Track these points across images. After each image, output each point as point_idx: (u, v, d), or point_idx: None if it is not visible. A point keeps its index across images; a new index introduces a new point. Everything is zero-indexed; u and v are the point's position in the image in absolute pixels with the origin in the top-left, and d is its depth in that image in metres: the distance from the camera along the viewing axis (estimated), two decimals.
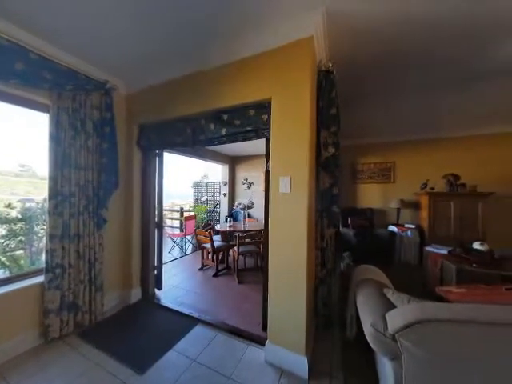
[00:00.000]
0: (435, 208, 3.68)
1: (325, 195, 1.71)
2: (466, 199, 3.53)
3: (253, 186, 5.50)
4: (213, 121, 1.86)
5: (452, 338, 0.87)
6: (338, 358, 1.57)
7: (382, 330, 1.00)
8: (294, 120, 1.48)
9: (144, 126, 2.33)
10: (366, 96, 2.61)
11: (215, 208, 6.06)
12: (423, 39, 1.62)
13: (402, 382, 0.96)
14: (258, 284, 2.75)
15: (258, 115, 1.65)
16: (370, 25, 1.48)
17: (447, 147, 3.95)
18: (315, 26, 1.42)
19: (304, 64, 1.46)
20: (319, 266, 1.78)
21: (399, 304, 1.06)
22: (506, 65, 1.91)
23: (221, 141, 1.88)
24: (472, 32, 1.54)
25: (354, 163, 4.67)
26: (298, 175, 1.47)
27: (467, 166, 3.75)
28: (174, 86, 2.05)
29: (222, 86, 1.78)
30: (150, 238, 2.46)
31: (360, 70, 2.03)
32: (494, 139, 3.67)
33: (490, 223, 3.42)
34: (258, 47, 1.61)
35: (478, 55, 1.80)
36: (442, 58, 1.85)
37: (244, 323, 1.97)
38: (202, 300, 2.45)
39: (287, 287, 1.49)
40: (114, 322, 1.99)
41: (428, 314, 0.90)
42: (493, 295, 0.96)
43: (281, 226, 1.52)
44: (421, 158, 4.13)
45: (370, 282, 1.42)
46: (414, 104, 2.80)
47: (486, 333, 0.83)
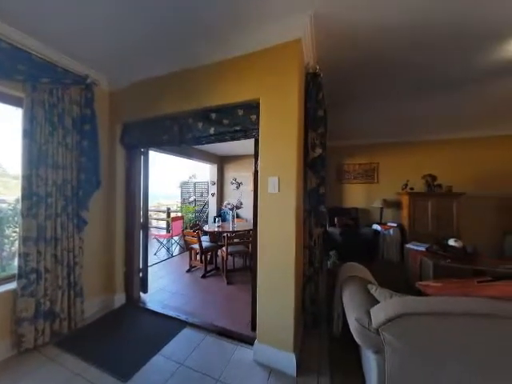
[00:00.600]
0: (415, 207, 3.88)
1: (312, 195, 1.75)
2: (442, 199, 3.77)
3: (241, 185, 5.49)
4: (201, 119, 1.83)
5: (429, 329, 0.92)
6: (325, 355, 1.61)
7: (366, 325, 1.03)
8: (283, 121, 1.49)
9: (128, 124, 2.24)
10: (352, 99, 2.70)
11: (203, 208, 5.98)
12: (404, 47, 1.70)
13: (385, 373, 1.00)
14: (247, 284, 2.75)
15: (246, 115, 1.65)
16: (355, 31, 1.53)
17: (426, 149, 4.19)
18: (303, 29, 1.44)
19: (292, 66, 1.48)
20: (307, 264, 1.81)
21: (382, 299, 1.11)
22: (476, 74, 2.06)
23: (209, 140, 1.86)
24: (446, 43, 1.64)
25: (340, 164, 4.81)
26: (286, 175, 1.49)
27: (443, 167, 4.00)
28: (160, 83, 2.00)
29: (210, 84, 1.76)
30: (135, 240, 2.37)
31: (346, 73, 2.09)
32: (465, 143, 3.95)
33: (463, 221, 3.67)
34: (246, 47, 1.61)
35: (452, 64, 1.93)
36: (422, 66, 1.96)
37: (233, 324, 1.96)
38: (189, 302, 2.40)
39: (276, 286, 1.51)
40: (96, 329, 1.89)
41: (408, 307, 0.95)
42: (465, 288, 1.03)
43: (269, 225, 1.53)
44: (402, 160, 4.34)
45: (355, 279, 1.47)
46: (397, 108, 2.94)
47: (460, 324, 0.89)
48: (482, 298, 0.93)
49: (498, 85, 2.27)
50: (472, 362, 0.88)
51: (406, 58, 1.85)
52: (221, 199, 5.71)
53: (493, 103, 2.72)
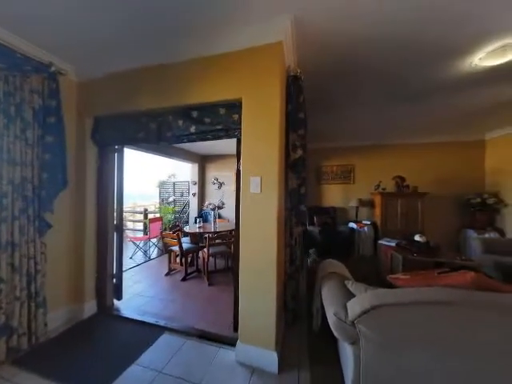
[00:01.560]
0: (386, 206, 4.19)
1: (293, 195, 1.79)
2: (409, 198, 4.11)
3: (223, 185, 5.43)
4: (181, 117, 1.77)
5: (398, 319, 1.00)
6: (305, 349, 1.66)
7: (343, 319, 1.09)
8: (265, 121, 1.51)
9: (101, 119, 2.08)
10: (330, 103, 2.82)
11: (184, 209, 5.79)
12: (376, 58, 1.82)
13: (360, 363, 1.06)
14: (229, 285, 2.73)
15: (228, 114, 1.64)
16: (333, 39, 1.60)
17: (396, 153, 4.54)
18: (284, 32, 1.47)
19: (274, 67, 1.50)
20: (288, 262, 1.85)
21: (358, 293, 1.18)
22: (437, 86, 2.29)
23: (190, 139, 1.81)
24: (412, 57, 1.80)
25: (319, 165, 5.01)
26: (268, 175, 1.50)
27: (411, 169, 4.37)
28: (137, 76, 1.89)
29: (191, 81, 1.71)
30: (108, 243, 2.21)
31: (325, 78, 2.18)
32: (428, 148, 4.36)
33: (427, 218, 4.05)
34: (228, 46, 1.59)
35: (417, 76, 2.11)
36: (392, 76, 2.11)
37: (215, 326, 1.93)
38: (169, 306, 2.31)
39: (258, 286, 1.51)
40: (62, 343, 1.73)
41: (379, 300, 1.02)
42: (428, 279, 1.14)
43: (252, 225, 1.54)
44: (376, 162, 4.65)
45: (332, 276, 1.53)
46: (371, 114, 3.14)
47: (424, 312, 0.98)
48: (441, 288, 1.04)
49: (454, 96, 2.54)
50: (437, 348, 0.97)
51: (379, 68, 1.99)
52: (202, 199, 5.58)
53: (450, 113, 3.04)
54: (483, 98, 2.58)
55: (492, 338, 0.90)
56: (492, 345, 0.90)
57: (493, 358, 0.90)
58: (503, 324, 0.89)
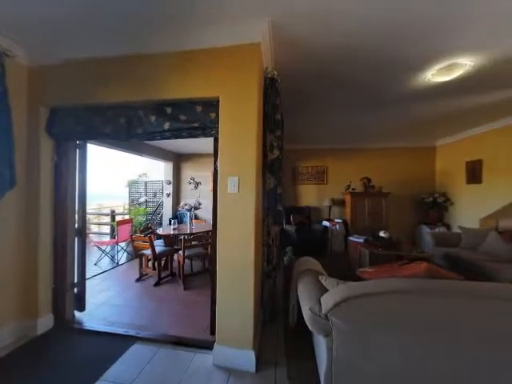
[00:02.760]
0: (355, 205, 4.51)
1: (270, 195, 1.82)
2: (375, 198, 4.49)
3: (200, 185, 5.28)
4: (154, 113, 1.67)
5: (365, 309, 1.08)
6: (282, 346, 1.70)
7: (317, 312, 1.14)
8: (243, 121, 1.51)
9: (59, 110, 1.86)
10: (305, 107, 2.93)
11: (157, 210, 5.48)
12: (347, 66, 1.95)
13: (332, 353, 1.12)
14: (206, 287, 2.66)
15: (205, 112, 1.60)
16: (308, 45, 1.67)
17: (364, 155, 4.92)
18: (262, 35, 1.49)
19: (252, 68, 1.51)
20: (265, 261, 1.88)
21: (331, 288, 1.25)
22: (399, 97, 2.54)
23: (163, 136, 1.72)
24: (381, 68, 1.97)
25: (295, 166, 5.18)
26: (246, 175, 1.50)
27: (376, 171, 4.77)
28: (104, 65, 1.73)
29: (166, 75, 1.62)
30: (68, 250, 1.99)
31: (300, 83, 2.26)
32: (391, 152, 4.82)
33: (389, 215, 4.47)
34: (206, 42, 1.55)
35: (384, 86, 2.32)
36: (363, 85, 2.28)
37: (191, 331, 1.87)
38: (140, 314, 2.16)
39: (236, 286, 1.51)
40: (10, 364, 1.50)
41: (349, 292, 1.09)
42: (391, 271, 1.26)
43: (229, 225, 1.52)
44: (347, 164, 4.98)
45: (307, 272, 1.60)
46: (343, 119, 3.35)
47: (387, 301, 1.07)
48: (400, 278, 1.15)
49: (413, 106, 2.85)
50: (399, 332, 1.07)
51: (350, 76, 2.13)
52: (177, 200, 5.35)
53: (409, 120, 3.40)
54: (435, 109, 2.94)
55: (442, 319, 1.03)
56: (443, 324, 1.03)
57: (445, 336, 1.03)
58: (450, 306, 1.03)
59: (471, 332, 1.01)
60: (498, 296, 1.01)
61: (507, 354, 0.99)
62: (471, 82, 2.16)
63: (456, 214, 4.23)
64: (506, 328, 0.99)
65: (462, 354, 1.02)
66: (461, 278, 1.18)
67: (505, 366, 0.99)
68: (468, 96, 2.52)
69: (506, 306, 0.99)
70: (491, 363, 1.00)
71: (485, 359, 1.00)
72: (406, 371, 1.07)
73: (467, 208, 3.98)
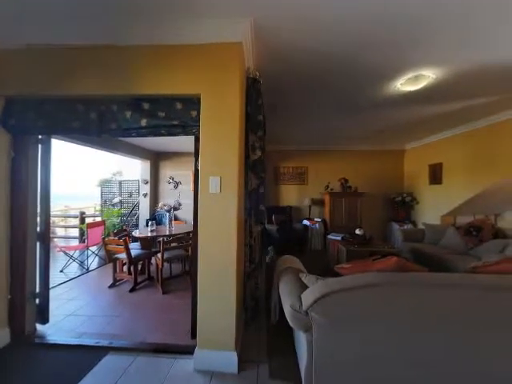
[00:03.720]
0: (334, 204, 4.72)
1: (252, 195, 1.83)
2: (351, 197, 4.75)
3: (180, 185, 5.10)
4: (129, 108, 1.58)
5: (342, 303, 1.14)
6: (264, 344, 1.71)
7: (298, 309, 1.17)
8: (225, 120, 1.49)
9: (17, 100, 1.66)
10: (286, 108, 2.99)
11: (133, 211, 5.18)
12: (327, 71, 2.03)
13: (312, 347, 1.17)
14: (187, 291, 2.58)
15: (186, 110, 1.55)
16: (289, 48, 1.71)
17: (342, 157, 5.17)
18: (243, 34, 1.49)
19: (234, 67, 1.50)
20: (248, 261, 1.88)
21: (310, 284, 1.29)
22: (372, 103, 2.71)
23: (140, 133, 1.63)
24: (357, 75, 2.08)
25: (277, 166, 5.27)
26: (228, 175, 1.49)
27: (352, 172, 5.05)
28: (73, 54, 1.58)
29: (143, 69, 1.54)
30: (28, 256, 1.79)
31: (281, 85, 2.31)
32: (365, 154, 5.14)
33: (364, 214, 4.76)
34: (187, 38, 1.50)
35: (359, 92, 2.46)
36: (338, 89, 2.39)
37: (171, 336, 1.80)
38: (114, 323, 2.02)
39: (217, 287, 1.49)
40: None
41: (328, 288, 1.14)
42: (365, 266, 1.35)
43: (211, 226, 1.50)
44: (325, 165, 5.19)
45: (288, 270, 1.63)
46: (321, 122, 3.49)
47: (362, 293, 1.14)
48: (373, 272, 1.24)
49: (385, 112, 3.07)
50: (372, 323, 1.15)
51: (328, 81, 2.22)
52: (155, 200, 5.11)
53: (382, 125, 3.66)
54: (404, 116, 3.20)
55: (410, 308, 1.12)
56: (411, 313, 1.13)
57: (414, 323, 1.13)
58: (416, 296, 1.13)
59: (434, 317, 1.12)
60: (454, 284, 1.13)
61: (466, 334, 1.11)
62: (433, 93, 2.40)
63: (421, 211, 4.65)
64: (463, 312, 1.11)
65: (429, 338, 1.12)
66: (425, 270, 1.31)
67: (464, 346, 1.11)
68: (431, 105, 2.78)
69: (462, 292, 1.12)
70: (454, 344, 1.12)
71: (450, 342, 1.11)
72: (381, 359, 1.15)
73: (430, 206, 4.40)
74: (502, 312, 1.10)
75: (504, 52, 1.74)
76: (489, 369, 1.10)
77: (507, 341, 1.10)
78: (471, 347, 1.11)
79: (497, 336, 1.10)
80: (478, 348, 1.11)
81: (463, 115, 3.10)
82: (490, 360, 1.10)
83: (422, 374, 1.13)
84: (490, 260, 1.64)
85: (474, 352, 1.11)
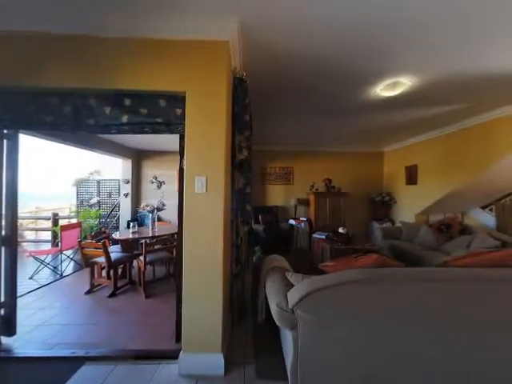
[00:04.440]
0: (318, 204, 4.85)
1: (239, 195, 1.82)
2: (335, 197, 4.91)
3: (164, 185, 4.94)
4: (109, 103, 1.50)
5: (327, 299, 1.18)
6: (251, 345, 1.71)
7: (284, 308, 1.19)
8: (211, 119, 1.47)
9: None
10: (273, 109, 3.02)
11: (112, 212, 4.92)
12: (313, 75, 2.08)
13: (298, 345, 1.19)
14: (171, 294, 2.50)
15: (170, 107, 1.50)
16: (276, 51, 1.72)
17: (326, 158, 5.32)
18: (230, 34, 1.47)
19: (221, 65, 1.48)
20: (234, 262, 1.87)
21: (296, 283, 1.31)
22: (356, 106, 2.83)
23: (121, 130, 1.55)
24: (342, 78, 2.16)
25: (264, 167, 5.30)
26: (214, 175, 1.47)
27: (336, 172, 5.22)
28: (46, 43, 1.46)
29: (125, 63, 1.47)
30: None
31: (268, 86, 2.32)
32: (348, 155, 5.34)
33: (347, 213, 4.94)
34: (171, 33, 1.46)
35: (342, 96, 2.55)
36: (323, 93, 2.46)
37: (153, 342, 1.73)
38: (91, 331, 1.91)
39: (203, 290, 1.46)
40: None
41: (313, 286, 1.17)
42: (348, 263, 1.40)
43: (197, 227, 1.47)
44: (311, 165, 5.31)
45: (275, 270, 1.65)
46: (307, 123, 3.56)
47: (345, 290, 1.19)
48: (355, 269, 1.29)
49: (366, 116, 3.21)
50: (356, 318, 1.19)
51: (313, 84, 2.28)
52: (137, 200, 4.90)
53: (363, 128, 3.82)
54: (383, 120, 3.36)
55: (391, 301, 1.19)
56: (390, 307, 1.19)
57: (393, 316, 1.19)
58: (396, 289, 1.19)
59: (412, 310, 1.19)
60: (428, 278, 1.22)
61: (441, 325, 1.19)
62: (410, 99, 2.55)
63: (398, 210, 4.93)
64: (437, 304, 1.19)
65: (408, 330, 1.19)
66: (402, 266, 1.39)
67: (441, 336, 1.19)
68: (408, 110, 2.96)
69: (435, 285, 1.20)
70: (430, 336, 1.19)
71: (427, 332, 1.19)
72: (365, 353, 1.19)
73: (406, 205, 4.68)
74: (469, 301, 1.20)
75: (468, 64, 1.90)
76: (465, 355, 1.19)
77: (478, 327, 1.20)
78: (445, 336, 1.19)
79: (468, 324, 1.20)
80: (452, 336, 1.19)
81: (436, 120, 3.34)
82: (464, 347, 1.20)
83: (404, 366, 1.19)
84: (458, 255, 1.78)
85: (449, 341, 1.19)
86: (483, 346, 1.19)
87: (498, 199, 3.69)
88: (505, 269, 1.29)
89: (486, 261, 1.38)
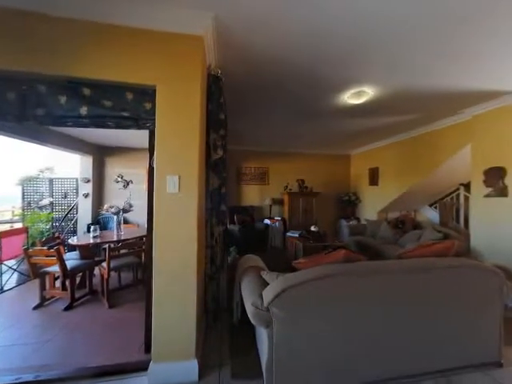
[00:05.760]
0: (292, 203, 5.03)
1: (214, 195, 1.79)
2: (307, 197, 5.14)
3: (131, 184, 4.58)
4: (64, 92, 1.33)
5: (300, 295, 1.22)
6: (227, 346, 1.69)
7: (260, 306, 1.20)
8: (184, 116, 1.41)
9: None
10: (248, 109, 3.03)
11: (69, 214, 4.38)
12: (287, 77, 2.14)
13: (273, 341, 1.21)
14: (139, 301, 2.34)
15: (138, 101, 1.40)
16: (251, 50, 1.73)
17: (299, 159, 5.53)
18: (205, 29, 1.43)
19: (195, 61, 1.43)
20: (209, 263, 1.83)
21: (271, 281, 1.34)
22: (327, 111, 3.00)
23: (79, 123, 1.39)
24: (313, 84, 2.26)
25: (239, 166, 5.28)
26: (187, 174, 1.41)
27: (308, 173, 5.47)
28: None
29: (85, 48, 1.32)
30: None
31: (244, 85, 2.32)
32: (319, 157, 5.65)
33: (319, 212, 5.22)
34: (141, 21, 1.35)
35: (314, 100, 2.68)
36: (296, 96, 2.55)
37: (120, 355, 1.59)
38: (42, 351, 1.67)
39: (176, 294, 1.39)
40: None
41: (286, 283, 1.21)
42: (319, 259, 1.48)
43: (169, 229, 1.39)
44: (285, 166, 5.47)
45: (250, 269, 1.66)
46: (281, 125, 3.66)
47: (317, 284, 1.25)
48: (325, 265, 1.37)
49: (336, 121, 3.43)
50: (327, 310, 1.26)
51: (287, 87, 2.35)
52: (99, 201, 4.44)
53: (333, 132, 4.08)
54: (350, 125, 3.64)
55: (356, 293, 1.29)
56: (357, 297, 1.29)
57: (360, 304, 1.29)
58: (361, 282, 1.30)
59: (375, 299, 1.31)
60: (387, 270, 1.36)
61: (401, 311, 1.34)
62: (373, 108, 2.80)
63: (363, 209, 5.39)
64: (397, 292, 1.34)
65: (372, 315, 1.30)
66: (366, 259, 1.51)
67: (399, 319, 1.34)
68: (371, 118, 3.25)
69: (392, 276, 1.34)
70: (390, 320, 1.32)
71: (388, 319, 1.32)
72: (335, 341, 1.27)
73: (370, 204, 5.14)
74: (418, 287, 1.37)
75: (420, 81, 2.16)
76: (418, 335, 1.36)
77: (425, 310, 1.37)
78: (402, 318, 1.34)
79: (419, 305, 1.36)
80: (407, 316, 1.35)
81: (394, 128, 3.73)
82: (417, 321, 1.36)
83: (368, 349, 1.31)
84: (410, 248, 2.02)
85: (405, 321, 1.34)
86: (430, 319, 1.38)
87: (441, 198, 4.30)
88: (445, 258, 1.51)
89: (431, 252, 1.59)
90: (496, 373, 1.42)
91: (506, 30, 1.48)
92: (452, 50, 1.70)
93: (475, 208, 2.79)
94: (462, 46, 1.65)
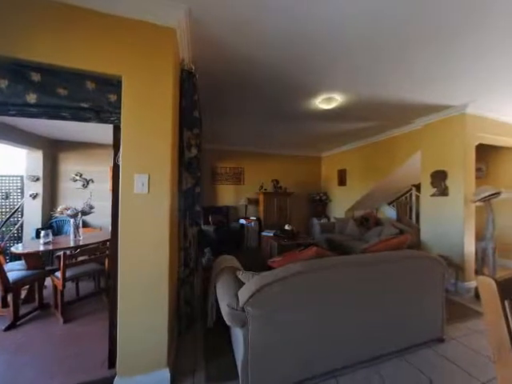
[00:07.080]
0: (267, 203, 5.11)
1: (188, 195, 1.72)
2: (282, 197, 5.28)
3: (92, 183, 4.13)
4: (5, 75, 1.14)
5: (274, 293, 1.25)
6: (201, 350, 1.64)
7: (235, 307, 1.19)
8: (155, 111, 1.32)
9: None
10: (224, 108, 2.98)
11: (11, 218, 3.76)
12: (261, 79, 2.17)
13: (248, 340, 1.22)
14: (100, 313, 2.13)
15: (101, 92, 1.27)
16: (225, 48, 1.71)
17: (274, 160, 5.65)
18: (178, 21, 1.37)
19: (166, 53, 1.36)
20: (182, 266, 1.75)
21: (246, 281, 1.34)
22: (300, 114, 3.12)
23: (26, 112, 1.21)
24: (287, 87, 2.33)
25: (214, 166, 5.18)
26: (158, 173, 1.33)
27: (283, 173, 5.62)
28: None
29: (38, 27, 1.14)
30: None
31: (218, 83, 2.27)
32: (293, 158, 5.85)
33: (292, 211, 5.40)
34: (105, 5, 1.23)
35: (288, 103, 2.76)
36: (270, 98, 2.60)
37: (78, 374, 1.42)
38: None
39: (145, 302, 1.30)
40: None
41: (261, 282, 1.23)
42: (293, 257, 1.54)
43: (137, 232, 1.29)
44: (260, 166, 5.53)
45: (225, 270, 1.64)
46: (256, 125, 3.69)
47: (290, 282, 1.29)
48: (299, 262, 1.43)
49: (308, 124, 3.59)
50: (301, 306, 1.31)
51: (262, 89, 2.38)
52: (52, 203, 3.91)
53: (305, 135, 4.26)
54: (321, 129, 3.85)
55: (328, 285, 1.37)
56: (326, 289, 1.37)
57: (330, 298, 1.37)
58: (331, 275, 1.38)
59: (344, 289, 1.41)
60: (354, 263, 1.47)
61: (369, 300, 1.46)
62: (342, 113, 3.01)
63: (333, 208, 5.75)
64: (364, 284, 1.45)
65: (340, 309, 1.40)
66: (335, 255, 1.62)
67: (368, 309, 1.46)
68: (340, 122, 3.49)
69: (356, 268, 1.46)
70: (356, 310, 1.44)
71: (354, 308, 1.43)
72: (308, 334, 1.33)
73: (338, 203, 5.51)
74: (378, 278, 1.51)
75: (381, 92, 2.40)
76: (377, 321, 1.50)
77: (382, 298, 1.52)
78: (365, 306, 1.47)
79: (376, 296, 1.51)
80: (368, 304, 1.48)
81: (359, 133, 4.07)
82: (376, 314, 1.50)
83: (336, 336, 1.40)
84: (372, 243, 2.23)
85: (367, 308, 1.47)
86: (386, 306, 1.53)
87: (397, 197, 4.84)
88: (400, 251, 1.70)
89: (389, 246, 1.78)
90: (439, 347, 1.66)
91: (460, 54, 1.71)
92: (412, 72, 1.96)
93: (424, 206, 3.20)
94: (421, 69, 1.90)
